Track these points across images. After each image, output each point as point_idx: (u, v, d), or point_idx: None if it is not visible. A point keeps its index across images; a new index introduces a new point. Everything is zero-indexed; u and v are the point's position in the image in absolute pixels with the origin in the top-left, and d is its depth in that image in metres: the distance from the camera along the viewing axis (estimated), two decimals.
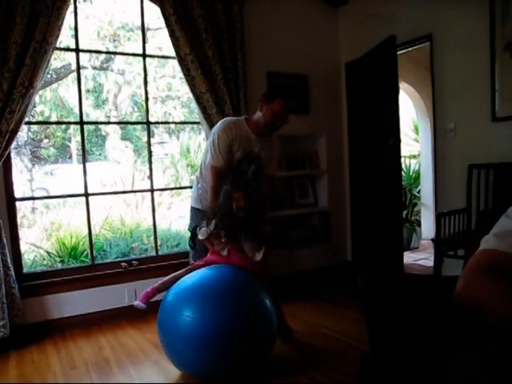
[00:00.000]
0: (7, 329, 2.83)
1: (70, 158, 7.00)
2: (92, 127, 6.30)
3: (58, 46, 3.09)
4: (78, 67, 3.35)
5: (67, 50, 3.44)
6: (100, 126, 6.48)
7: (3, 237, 2.91)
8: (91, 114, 6.43)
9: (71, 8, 3.15)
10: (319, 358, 2.52)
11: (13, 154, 3.16)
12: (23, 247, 3.26)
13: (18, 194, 3.19)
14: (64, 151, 6.88)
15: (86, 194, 3.37)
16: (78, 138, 6.56)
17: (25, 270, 3.28)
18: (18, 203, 3.20)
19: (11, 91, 2.81)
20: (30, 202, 5.49)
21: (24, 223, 5.40)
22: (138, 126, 6.57)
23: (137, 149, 6.94)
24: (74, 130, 6.59)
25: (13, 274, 2.96)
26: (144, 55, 3.56)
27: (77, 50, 3.30)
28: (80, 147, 6.61)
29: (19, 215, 3.21)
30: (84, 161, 3.40)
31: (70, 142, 6.89)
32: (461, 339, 0.93)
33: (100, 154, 7.02)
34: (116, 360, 2.67)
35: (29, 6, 2.82)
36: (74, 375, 2.49)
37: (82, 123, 3.40)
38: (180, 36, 3.35)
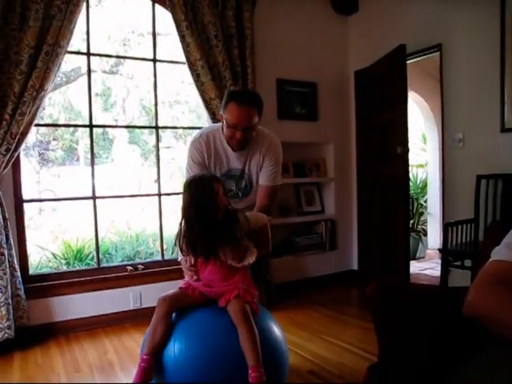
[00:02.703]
0: (12, 330, 2.83)
1: (78, 160, 7.02)
2: (100, 130, 6.32)
3: (68, 49, 3.11)
4: (89, 71, 3.38)
5: (78, 53, 3.45)
6: (107, 130, 6.51)
7: (11, 238, 2.92)
8: (99, 117, 6.45)
9: (83, 12, 3.18)
10: (323, 367, 2.50)
11: (21, 156, 3.17)
12: (29, 249, 3.27)
13: (25, 195, 3.21)
14: (71, 154, 6.90)
15: (94, 197, 3.38)
16: (86, 141, 6.60)
17: (30, 272, 3.29)
18: (25, 205, 3.21)
19: (22, 94, 2.83)
20: (37, 203, 5.51)
21: (30, 225, 5.42)
22: (146, 130, 6.60)
23: (144, 153, 6.96)
24: (81, 132, 6.62)
25: (19, 275, 2.97)
26: (154, 60, 3.58)
27: (88, 54, 3.33)
28: (87, 150, 6.66)
29: (26, 217, 3.22)
30: (92, 164, 3.42)
31: (77, 144, 6.92)
32: (471, 350, 0.92)
33: (107, 158, 7.05)
34: (120, 364, 2.67)
35: (42, 10, 2.85)
36: (78, 378, 2.48)
37: (91, 126, 3.42)
38: (190, 42, 3.37)
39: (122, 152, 6.90)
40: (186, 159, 2.38)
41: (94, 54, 3.44)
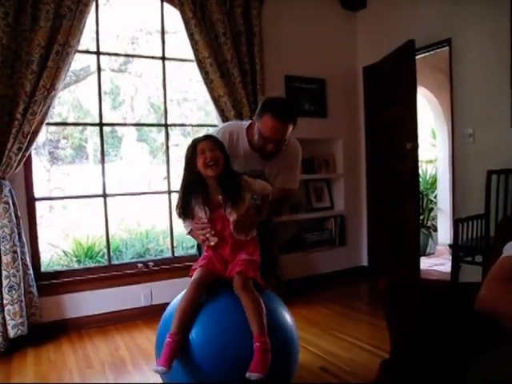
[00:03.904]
0: (25, 327, 2.87)
1: (87, 158, 7.06)
2: (108, 129, 6.36)
3: (78, 48, 3.13)
4: (99, 70, 3.40)
5: (88, 52, 3.47)
6: (116, 128, 6.54)
7: (23, 236, 2.96)
8: (108, 115, 6.48)
9: (92, 11, 3.19)
10: (335, 363, 2.51)
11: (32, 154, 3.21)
12: (40, 246, 3.31)
13: (36, 193, 3.24)
14: (81, 152, 6.94)
15: (104, 195, 3.41)
16: (95, 139, 6.64)
17: (42, 269, 3.32)
18: (36, 203, 3.24)
19: (34, 93, 2.86)
20: (47, 202, 5.56)
21: (41, 222, 5.47)
22: (154, 128, 6.62)
23: (152, 150, 6.99)
24: (90, 131, 6.67)
25: (31, 272, 3.00)
26: (163, 58, 3.60)
27: (97, 53, 3.35)
28: (96, 148, 6.70)
29: (37, 214, 3.25)
30: (103, 162, 3.44)
31: (86, 143, 6.97)
32: (482, 345, 0.92)
33: (116, 156, 7.09)
34: (132, 360, 2.69)
35: (53, 10, 2.87)
36: (90, 374, 2.51)
37: (101, 125, 3.44)
38: (199, 39, 3.38)
39: (131, 150, 6.93)
40: None
41: (103, 53, 3.47)
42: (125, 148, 7.09)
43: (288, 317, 1.97)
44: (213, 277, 1.89)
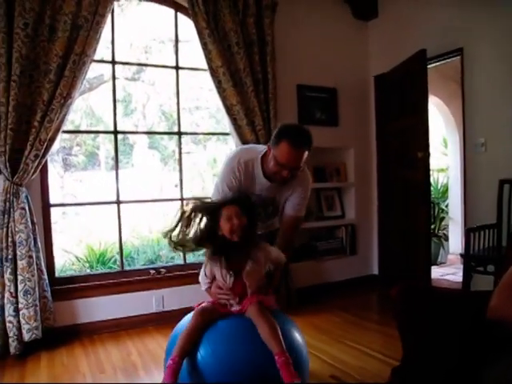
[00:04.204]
0: (39, 331, 2.91)
1: (99, 165, 7.15)
2: (120, 136, 6.45)
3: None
4: (114, 79, 3.47)
5: (104, 62, 3.54)
6: (128, 135, 6.62)
7: (38, 241, 3.01)
8: (120, 123, 6.56)
9: (108, 22, 3.26)
10: (345, 371, 2.52)
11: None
12: (54, 252, 3.35)
13: (50, 199, 3.29)
14: (93, 159, 7.03)
15: (118, 202, 3.46)
16: (107, 147, 6.73)
17: (56, 275, 3.37)
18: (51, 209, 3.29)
19: (51, 101, 2.92)
20: (60, 208, 5.63)
21: (55, 228, 5.53)
22: (165, 136, 6.69)
23: (163, 158, 7.06)
24: (102, 138, 6.76)
25: (46, 277, 3.05)
26: (177, 67, 3.66)
27: (113, 62, 3.42)
28: (108, 155, 6.77)
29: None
30: (116, 169, 3.50)
31: (98, 149, 7.05)
32: (495, 352, 0.93)
33: (127, 163, 7.16)
34: (143, 366, 2.72)
35: (70, 21, 2.94)
36: (102, 379, 2.54)
37: (115, 132, 3.50)
38: (212, 49, 3.43)
39: (142, 157, 7.00)
40: (219, 177, 2.34)
41: (118, 63, 3.53)
42: (136, 155, 7.16)
43: (299, 336, 2.01)
44: (217, 314, 1.97)
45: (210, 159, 6.86)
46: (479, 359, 0.94)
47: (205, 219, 2.04)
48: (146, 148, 7.06)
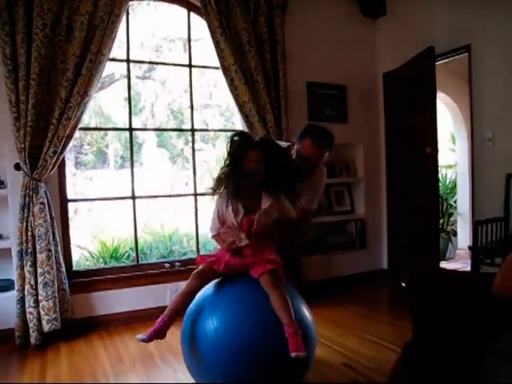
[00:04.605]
0: (58, 322, 3.00)
1: (108, 164, 7.24)
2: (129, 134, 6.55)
3: None
4: (129, 77, 3.55)
5: (119, 60, 3.62)
6: (137, 134, 6.71)
7: (56, 235, 3.10)
8: (128, 121, 6.65)
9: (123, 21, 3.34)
10: (356, 360, 2.58)
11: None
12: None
13: None
14: (102, 157, 7.11)
15: (133, 197, 3.55)
16: (116, 145, 6.83)
17: (73, 268, 3.45)
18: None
19: (68, 99, 3.01)
20: (73, 204, 5.73)
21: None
22: (174, 134, 6.79)
23: (172, 156, 7.14)
24: (111, 137, 6.86)
25: (64, 270, 3.14)
26: (190, 66, 3.74)
27: (128, 61, 3.51)
28: (117, 154, 6.85)
29: None
30: (132, 165, 3.60)
31: (107, 148, 7.14)
32: (500, 326, 1.00)
33: (136, 161, 7.25)
34: (160, 355, 2.79)
35: (87, 21, 3.03)
36: (121, 367, 2.63)
37: (130, 129, 3.59)
38: (224, 48, 3.50)
39: (151, 156, 7.08)
40: None
41: (133, 61, 3.61)
42: (145, 154, 7.24)
43: (305, 308, 2.11)
44: (214, 276, 2.07)
45: (219, 157, 6.93)
46: (485, 334, 1.01)
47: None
48: (154, 146, 7.14)
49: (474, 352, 1.00)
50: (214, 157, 6.90)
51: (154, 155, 7.03)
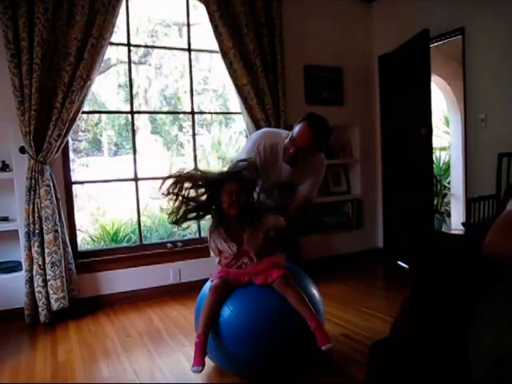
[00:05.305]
0: (66, 300, 3.09)
1: (101, 151, 7.26)
2: (123, 121, 6.60)
3: None
4: (130, 60, 3.60)
5: (120, 44, 3.66)
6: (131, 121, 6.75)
7: (62, 216, 3.18)
8: (122, 107, 6.67)
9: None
10: (355, 331, 2.71)
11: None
12: None
13: None
14: (96, 144, 7.14)
15: (136, 179, 3.62)
16: (109, 132, 6.88)
17: (78, 249, 3.54)
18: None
19: (71, 83, 3.06)
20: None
21: None
22: (168, 121, 6.84)
23: (166, 142, 7.19)
24: (105, 123, 6.90)
25: (70, 251, 3.22)
26: (189, 50, 3.78)
27: (128, 45, 3.55)
28: (110, 141, 6.89)
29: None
30: (134, 149, 3.67)
31: (101, 136, 7.17)
32: (491, 282, 1.09)
33: (130, 148, 7.28)
34: (167, 330, 2.90)
35: (88, 6, 3.06)
36: (129, 342, 2.72)
37: (132, 113, 3.66)
38: (223, 31, 3.55)
39: (145, 142, 7.10)
40: (241, 151, 2.64)
41: (134, 45, 3.66)
42: (139, 140, 7.27)
43: (313, 288, 2.26)
44: (229, 287, 2.13)
45: (215, 142, 7.00)
46: (477, 289, 1.10)
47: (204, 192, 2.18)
48: (148, 133, 7.18)
49: (466, 306, 1.10)
50: (209, 142, 6.97)
51: (148, 141, 7.07)
